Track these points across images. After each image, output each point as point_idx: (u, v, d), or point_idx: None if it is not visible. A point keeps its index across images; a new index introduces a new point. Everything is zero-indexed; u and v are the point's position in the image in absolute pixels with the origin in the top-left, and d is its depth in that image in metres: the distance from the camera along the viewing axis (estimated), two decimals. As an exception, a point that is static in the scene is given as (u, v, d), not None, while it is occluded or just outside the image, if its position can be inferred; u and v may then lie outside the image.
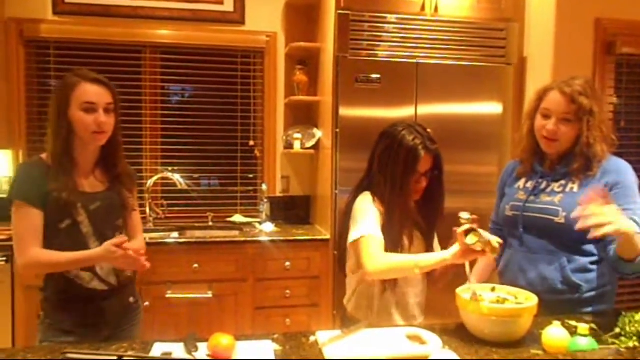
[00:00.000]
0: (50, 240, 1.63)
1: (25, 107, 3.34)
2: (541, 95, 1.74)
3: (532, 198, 1.76)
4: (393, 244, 1.73)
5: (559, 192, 1.72)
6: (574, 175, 1.71)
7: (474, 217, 1.55)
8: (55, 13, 3.33)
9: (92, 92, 1.64)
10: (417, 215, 1.84)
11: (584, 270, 1.67)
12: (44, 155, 1.69)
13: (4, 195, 3.24)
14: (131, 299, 1.82)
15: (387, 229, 1.74)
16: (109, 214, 1.73)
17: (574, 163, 1.70)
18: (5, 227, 3.05)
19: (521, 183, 1.84)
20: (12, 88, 3.28)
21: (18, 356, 1.32)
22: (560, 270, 1.67)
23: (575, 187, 1.70)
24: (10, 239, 2.75)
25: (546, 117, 1.70)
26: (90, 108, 1.63)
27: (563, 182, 1.73)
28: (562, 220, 1.66)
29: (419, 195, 1.80)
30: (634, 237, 1.46)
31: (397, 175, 1.73)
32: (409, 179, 1.72)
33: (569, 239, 1.66)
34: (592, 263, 1.67)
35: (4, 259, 2.69)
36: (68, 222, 1.64)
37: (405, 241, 1.77)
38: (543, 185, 1.77)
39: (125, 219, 1.81)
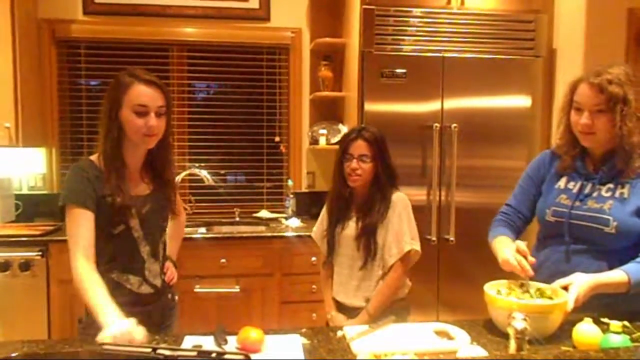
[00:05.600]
0: (104, 246, 1.58)
1: (58, 106, 3.44)
2: (572, 89, 1.66)
3: (577, 204, 1.66)
4: (331, 226, 2.08)
5: (608, 198, 1.62)
6: (622, 177, 1.62)
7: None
8: (85, 13, 3.41)
9: (145, 94, 1.58)
10: (360, 204, 2.03)
11: None
12: (93, 157, 1.64)
13: (40, 192, 3.40)
14: (169, 296, 1.82)
15: (329, 212, 2.12)
16: (158, 216, 1.72)
17: (617, 161, 1.61)
18: (41, 223, 3.15)
19: (562, 183, 1.74)
20: (45, 87, 3.37)
21: (56, 348, 1.36)
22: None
23: (626, 192, 1.60)
24: (45, 234, 2.86)
25: (579, 110, 1.63)
26: (142, 111, 1.57)
27: (611, 185, 1.64)
28: (613, 231, 1.58)
29: (355, 181, 1.99)
30: (601, 285, 1.48)
31: (336, 159, 2.05)
32: (342, 160, 2.02)
33: (617, 247, 1.59)
34: None
35: (40, 253, 2.77)
36: (121, 227, 1.60)
37: (339, 227, 2.06)
38: (588, 189, 1.66)
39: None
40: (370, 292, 1.98)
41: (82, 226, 1.54)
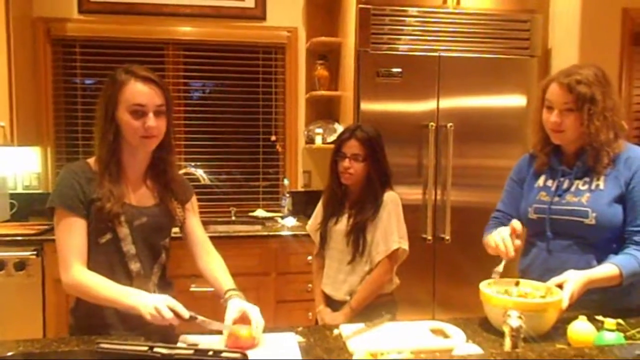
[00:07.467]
0: (88, 256, 1.48)
1: (53, 105, 3.42)
2: (544, 88, 1.72)
3: (556, 199, 1.70)
4: (324, 220, 2.13)
5: (585, 191, 1.66)
6: (596, 171, 1.66)
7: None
8: (80, 12, 3.40)
9: (142, 93, 1.46)
10: (353, 201, 2.08)
11: None
12: (90, 160, 1.54)
13: (35, 191, 3.38)
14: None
15: (324, 206, 2.18)
16: (155, 233, 1.58)
17: (589, 157, 1.66)
18: (35, 222, 3.14)
19: (540, 181, 1.78)
20: (39, 86, 3.36)
21: (51, 347, 1.36)
22: None
23: (601, 184, 1.65)
24: (40, 233, 2.85)
25: (550, 108, 1.67)
26: (139, 111, 1.46)
27: (587, 179, 1.68)
28: (593, 222, 1.61)
29: (347, 179, 2.04)
30: (594, 280, 1.51)
31: (331, 157, 2.11)
32: (335, 159, 2.08)
33: (599, 239, 1.62)
34: None
35: (34, 252, 2.76)
36: (109, 236, 1.49)
37: (332, 221, 2.10)
38: (566, 184, 1.71)
39: (184, 233, 1.73)
40: (356, 287, 2.02)
41: (73, 233, 1.46)
